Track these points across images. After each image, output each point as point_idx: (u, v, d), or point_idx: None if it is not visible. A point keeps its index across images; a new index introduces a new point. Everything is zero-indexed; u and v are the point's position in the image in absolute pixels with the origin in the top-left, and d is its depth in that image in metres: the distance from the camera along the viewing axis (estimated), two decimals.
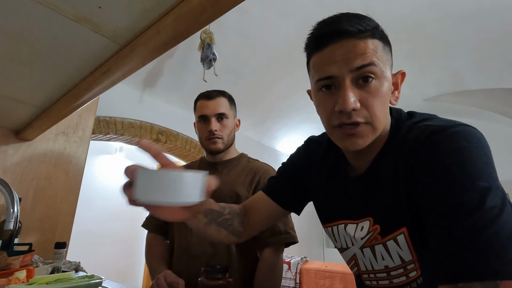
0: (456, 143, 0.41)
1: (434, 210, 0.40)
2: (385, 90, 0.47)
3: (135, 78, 2.58)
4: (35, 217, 1.29)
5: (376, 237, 0.51)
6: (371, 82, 0.46)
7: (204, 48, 2.22)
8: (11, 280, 0.71)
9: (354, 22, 0.46)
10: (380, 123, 0.48)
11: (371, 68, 0.45)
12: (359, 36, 0.46)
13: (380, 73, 0.46)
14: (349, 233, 0.56)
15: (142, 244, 3.93)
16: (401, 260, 0.50)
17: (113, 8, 0.52)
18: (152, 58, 0.61)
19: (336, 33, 0.46)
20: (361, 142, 0.48)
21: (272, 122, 3.97)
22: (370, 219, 0.52)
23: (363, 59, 0.45)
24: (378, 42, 0.47)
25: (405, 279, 0.50)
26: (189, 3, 0.46)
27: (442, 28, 2.51)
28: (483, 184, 0.37)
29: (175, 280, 0.81)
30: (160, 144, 2.86)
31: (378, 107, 0.47)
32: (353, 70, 0.46)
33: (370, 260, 0.54)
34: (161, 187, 0.35)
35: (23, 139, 1.31)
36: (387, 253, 0.51)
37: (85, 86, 0.81)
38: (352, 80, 0.46)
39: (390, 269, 0.51)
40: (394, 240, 0.49)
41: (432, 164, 0.42)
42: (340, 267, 3.06)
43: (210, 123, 0.98)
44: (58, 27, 0.58)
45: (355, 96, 0.46)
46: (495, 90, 3.16)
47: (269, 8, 2.35)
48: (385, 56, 0.48)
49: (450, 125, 0.43)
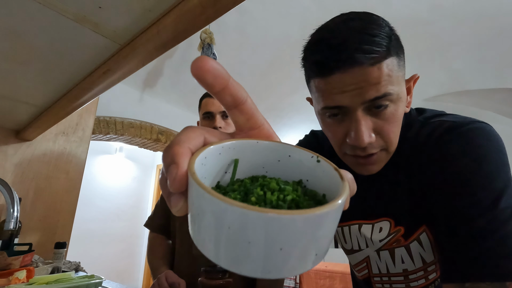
0: (473, 141, 0.39)
1: (447, 207, 0.39)
2: (401, 112, 0.43)
3: (135, 78, 2.59)
4: (35, 217, 1.29)
5: (398, 239, 0.49)
6: (386, 108, 0.41)
7: (204, 48, 2.22)
8: (11, 280, 0.71)
9: (365, 45, 0.39)
10: (394, 146, 0.44)
11: (386, 99, 0.40)
12: (372, 62, 0.39)
13: (396, 98, 0.41)
14: (365, 234, 0.53)
15: (142, 244, 3.93)
16: (423, 262, 0.48)
17: (113, 8, 0.52)
18: (152, 58, 0.61)
19: (344, 62, 0.39)
20: (376, 168, 0.46)
21: (272, 122, 3.97)
22: (390, 221, 0.49)
23: (377, 90, 0.39)
24: (393, 59, 0.40)
25: (424, 282, 0.49)
26: (189, 3, 0.46)
27: (442, 28, 2.51)
28: (499, 185, 0.36)
29: (177, 281, 0.81)
30: (160, 144, 2.86)
31: (394, 132, 0.43)
32: (366, 102, 0.40)
33: (387, 263, 0.51)
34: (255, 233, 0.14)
35: (23, 139, 1.31)
36: (408, 256, 0.49)
37: (85, 86, 0.81)
38: (365, 109, 0.41)
39: (409, 272, 0.49)
40: (418, 240, 0.47)
41: (447, 161, 0.40)
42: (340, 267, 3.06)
43: (215, 120, 0.98)
44: (58, 27, 0.58)
45: (370, 125, 0.41)
46: (495, 90, 3.16)
47: (269, 8, 2.35)
48: (401, 71, 0.42)
49: (466, 121, 0.42)
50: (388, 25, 0.43)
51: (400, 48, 0.43)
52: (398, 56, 0.42)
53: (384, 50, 0.39)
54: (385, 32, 0.40)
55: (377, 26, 0.40)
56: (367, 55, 0.38)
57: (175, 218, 1.01)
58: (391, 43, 0.40)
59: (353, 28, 0.40)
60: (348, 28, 0.40)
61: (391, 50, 0.40)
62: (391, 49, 0.40)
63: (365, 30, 0.40)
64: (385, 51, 0.39)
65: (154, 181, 4.36)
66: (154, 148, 3.01)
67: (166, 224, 1.05)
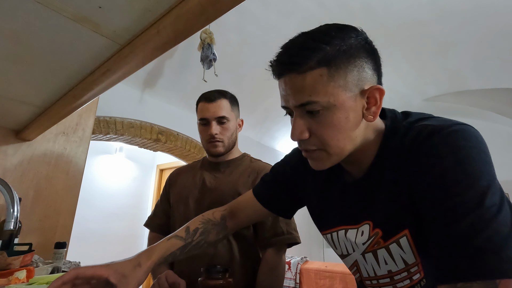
0: (454, 143, 0.41)
1: (434, 210, 0.40)
2: (338, 119, 0.45)
3: (135, 78, 2.58)
4: (35, 217, 1.29)
5: (378, 241, 0.51)
6: (318, 113, 0.46)
7: (204, 48, 2.22)
8: (11, 280, 0.71)
9: (293, 57, 0.45)
10: (335, 149, 0.48)
11: (310, 106, 0.45)
12: (299, 71, 0.44)
13: (327, 104, 0.45)
14: (350, 239, 0.55)
15: (142, 244, 3.93)
16: (405, 263, 0.49)
17: (113, 8, 0.52)
18: (152, 58, 0.61)
19: (280, 68, 0.47)
20: (319, 164, 0.50)
21: (272, 122, 3.97)
22: (370, 223, 0.52)
23: (301, 97, 0.45)
24: (321, 70, 0.44)
25: (409, 282, 0.50)
26: (189, 3, 0.46)
27: (442, 28, 2.51)
28: (482, 183, 0.37)
29: (177, 281, 0.81)
30: (160, 144, 2.86)
31: (330, 136, 0.46)
32: (296, 106, 0.47)
33: (373, 265, 0.53)
34: None
35: (23, 139, 1.31)
36: (390, 257, 0.50)
37: (85, 86, 0.81)
38: (302, 111, 0.47)
39: (394, 273, 0.51)
40: (397, 243, 0.48)
41: (431, 164, 0.42)
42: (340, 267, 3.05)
43: (210, 127, 0.98)
44: (58, 27, 0.58)
45: (305, 125, 0.47)
46: (495, 90, 3.15)
47: (269, 8, 2.35)
48: (335, 81, 0.44)
49: (447, 124, 0.43)
50: (340, 38, 0.45)
51: (342, 60, 0.45)
52: (336, 67, 0.44)
53: (311, 63, 0.44)
54: (323, 45, 0.44)
55: (314, 41, 0.45)
56: (291, 66, 0.45)
57: (175, 218, 1.01)
58: (326, 56, 0.44)
59: (295, 42, 0.47)
60: (293, 42, 0.47)
61: (321, 62, 0.44)
62: (321, 61, 0.44)
63: (301, 44, 0.46)
64: (313, 63, 0.44)
65: (154, 181, 4.36)
66: (154, 148, 3.01)
67: (166, 224, 1.05)
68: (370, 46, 0.48)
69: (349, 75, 0.45)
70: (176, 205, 1.02)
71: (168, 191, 1.09)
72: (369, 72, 0.47)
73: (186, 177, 1.06)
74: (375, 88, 0.47)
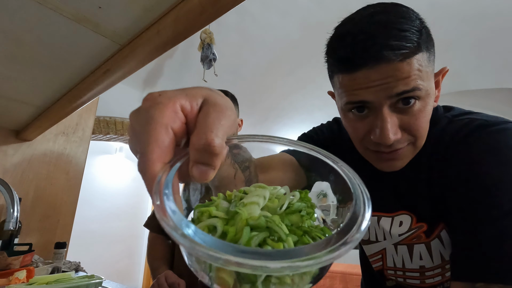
0: (504, 142, 0.38)
1: (468, 206, 0.38)
2: (430, 107, 0.42)
3: (135, 78, 2.59)
4: (35, 217, 1.29)
5: (419, 235, 0.48)
6: (414, 104, 0.40)
7: (204, 48, 2.22)
8: (11, 280, 0.71)
9: (393, 41, 0.37)
10: (423, 141, 0.43)
11: (414, 93, 0.39)
12: (402, 57, 0.37)
13: (425, 94, 0.40)
14: (383, 227, 0.52)
15: (142, 244, 3.93)
16: (442, 259, 0.47)
17: (113, 8, 0.52)
18: (152, 58, 0.61)
19: (371, 59, 0.38)
20: (400, 164, 0.44)
21: (272, 122, 3.97)
22: (412, 216, 0.48)
23: (405, 84, 0.38)
24: (423, 54, 0.39)
25: (440, 279, 0.48)
26: (189, 3, 0.46)
27: (442, 28, 2.51)
28: None
29: (176, 281, 0.81)
30: None
31: (423, 127, 0.42)
32: (392, 96, 0.39)
33: (404, 258, 0.51)
34: None
35: (23, 139, 1.31)
36: (428, 253, 0.48)
37: (85, 86, 0.81)
38: (391, 105, 0.40)
39: (426, 269, 0.49)
40: (439, 237, 0.46)
41: (474, 159, 0.39)
42: (340, 267, 3.05)
43: None
44: (58, 27, 0.58)
45: (396, 123, 0.40)
46: (495, 90, 3.16)
47: (269, 8, 2.35)
48: (431, 66, 0.41)
49: (498, 121, 0.41)
50: (418, 18, 0.40)
51: (430, 42, 0.41)
52: (429, 51, 0.40)
53: (414, 46, 0.38)
54: (415, 26, 0.39)
55: (406, 20, 0.39)
56: (396, 52, 0.37)
57: None
58: (422, 38, 0.39)
59: (380, 22, 0.38)
60: (374, 22, 0.39)
61: (421, 45, 0.38)
62: (421, 43, 0.38)
63: (394, 24, 0.38)
64: (415, 46, 0.38)
65: None
66: None
67: None
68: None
69: (433, 56, 0.42)
70: None
71: None
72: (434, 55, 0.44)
73: None
74: (446, 70, 0.44)
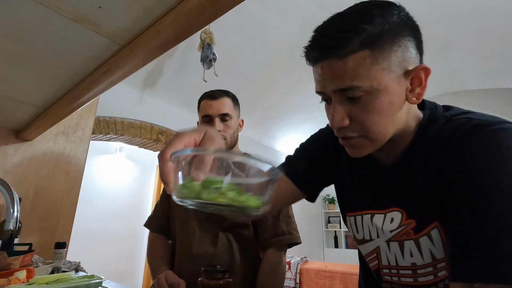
0: (500, 141, 0.38)
1: (465, 206, 0.38)
2: (382, 103, 0.43)
3: (135, 78, 2.58)
4: (35, 217, 1.29)
5: (408, 232, 0.48)
6: (360, 98, 0.43)
7: (204, 48, 2.22)
8: (11, 280, 0.71)
9: (332, 41, 0.42)
10: (378, 135, 0.45)
11: (351, 92, 0.42)
12: (340, 55, 0.41)
13: (369, 89, 0.42)
14: (376, 224, 0.53)
15: (142, 244, 3.93)
16: (432, 258, 0.47)
17: (113, 8, 0.52)
18: (152, 58, 0.61)
19: (317, 53, 0.44)
20: (359, 151, 0.47)
21: (272, 122, 3.97)
22: (402, 212, 0.49)
23: (341, 82, 0.42)
24: (364, 53, 0.41)
25: (433, 278, 0.48)
26: (189, 3, 0.46)
27: (442, 28, 2.51)
28: None
29: (176, 281, 0.80)
30: (160, 144, 2.86)
31: (372, 121, 0.44)
32: (335, 91, 0.44)
33: (396, 255, 0.51)
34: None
35: (23, 139, 1.31)
36: (417, 250, 0.48)
37: (85, 86, 0.81)
38: (340, 96, 0.44)
39: (418, 267, 0.49)
40: (428, 235, 0.46)
41: (471, 158, 0.39)
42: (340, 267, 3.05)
43: (214, 124, 0.98)
44: (58, 27, 0.58)
45: (345, 112, 0.44)
46: (495, 90, 3.16)
47: (269, 8, 2.35)
48: (384, 63, 0.42)
49: (495, 121, 0.41)
50: (382, 16, 0.42)
51: (386, 40, 0.42)
52: (379, 48, 0.41)
53: (352, 46, 0.41)
54: (364, 25, 0.41)
55: (354, 20, 0.42)
56: (330, 51, 0.42)
57: (175, 218, 1.01)
58: (369, 37, 0.41)
59: (332, 24, 0.44)
60: (329, 25, 0.44)
61: (363, 44, 0.41)
62: (363, 43, 0.41)
63: (338, 24, 0.43)
64: (354, 46, 0.41)
65: (154, 181, 4.36)
66: (154, 148, 3.01)
67: (165, 224, 1.05)
68: (413, 22, 0.45)
69: (393, 56, 0.42)
70: (176, 205, 1.02)
71: None
72: (413, 52, 0.44)
73: None
74: (421, 68, 0.44)
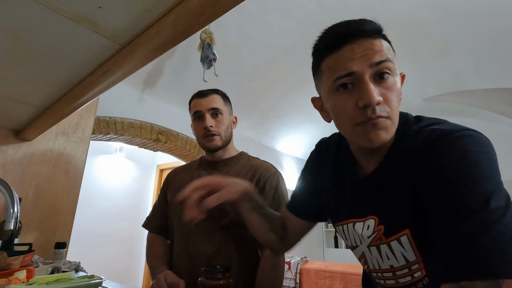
0: (462, 146, 0.42)
1: (439, 210, 0.41)
2: (398, 87, 0.50)
3: (135, 78, 2.59)
4: (35, 217, 1.29)
5: (380, 237, 0.52)
6: (387, 78, 0.48)
7: (204, 48, 2.22)
8: (11, 280, 0.71)
9: (366, 25, 0.49)
10: (397, 119, 0.49)
11: (388, 64, 0.47)
12: (374, 36, 0.48)
13: (394, 70, 0.49)
14: (357, 231, 0.57)
15: (142, 244, 3.93)
16: (406, 260, 0.50)
17: (113, 8, 0.52)
18: (152, 58, 0.61)
19: (354, 33, 0.48)
20: (384, 135, 0.48)
21: (272, 122, 3.97)
22: (375, 218, 0.53)
23: (380, 55, 0.47)
24: (387, 43, 0.50)
25: (410, 279, 0.51)
26: (189, 3, 0.46)
27: (442, 28, 2.51)
28: (488, 187, 0.38)
29: (176, 281, 0.80)
30: (160, 144, 2.86)
31: (395, 102, 0.49)
32: (372, 65, 0.47)
33: (377, 259, 0.55)
34: None
35: (23, 139, 1.31)
36: (391, 253, 0.52)
37: (85, 86, 0.81)
38: (371, 77, 0.48)
39: (396, 268, 0.52)
40: (398, 241, 0.50)
41: (438, 165, 0.43)
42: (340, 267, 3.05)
43: (204, 120, 0.97)
44: (58, 27, 0.58)
45: (376, 89, 0.47)
46: (495, 90, 3.16)
47: (269, 8, 2.35)
48: (394, 57, 0.50)
49: (456, 129, 0.44)
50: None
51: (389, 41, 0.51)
52: (390, 44, 0.51)
53: (380, 32, 0.49)
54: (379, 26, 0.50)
55: (373, 21, 0.50)
56: (371, 29, 0.48)
57: (173, 218, 1.00)
58: (384, 34, 0.50)
59: (353, 19, 0.50)
60: (350, 20, 0.50)
61: (383, 36, 0.50)
62: (383, 35, 0.50)
63: (363, 19, 0.50)
64: (381, 33, 0.49)
65: (154, 181, 4.36)
66: (154, 148, 3.01)
67: (164, 224, 1.05)
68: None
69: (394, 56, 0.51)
70: (174, 205, 1.01)
71: (165, 191, 1.09)
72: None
73: (183, 177, 1.06)
74: (402, 74, 0.53)
